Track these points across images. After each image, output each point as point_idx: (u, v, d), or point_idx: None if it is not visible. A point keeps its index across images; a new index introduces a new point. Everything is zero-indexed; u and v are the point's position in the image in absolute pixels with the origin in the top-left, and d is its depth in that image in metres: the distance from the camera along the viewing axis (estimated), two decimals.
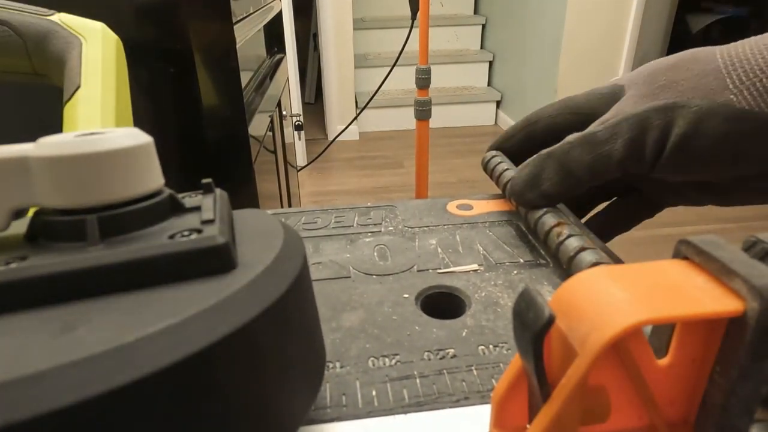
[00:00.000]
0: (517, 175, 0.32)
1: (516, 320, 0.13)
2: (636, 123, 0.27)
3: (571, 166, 0.29)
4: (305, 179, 2.35)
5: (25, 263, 0.14)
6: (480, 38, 3.15)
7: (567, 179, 0.29)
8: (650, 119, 0.27)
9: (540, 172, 0.30)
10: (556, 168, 0.29)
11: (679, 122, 0.26)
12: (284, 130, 1.18)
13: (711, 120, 0.25)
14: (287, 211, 0.37)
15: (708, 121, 0.25)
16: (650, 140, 0.27)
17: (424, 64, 1.31)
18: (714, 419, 0.13)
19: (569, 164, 0.29)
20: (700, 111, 0.25)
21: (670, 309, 0.12)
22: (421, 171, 1.43)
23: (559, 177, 0.29)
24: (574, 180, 0.29)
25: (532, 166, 0.31)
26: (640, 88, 0.28)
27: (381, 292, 0.26)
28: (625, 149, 0.27)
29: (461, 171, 2.42)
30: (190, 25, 0.58)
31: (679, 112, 0.26)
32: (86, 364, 0.11)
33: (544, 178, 0.30)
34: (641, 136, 0.27)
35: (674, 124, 0.26)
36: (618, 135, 0.27)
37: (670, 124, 0.26)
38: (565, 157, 0.29)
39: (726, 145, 0.25)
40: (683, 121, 0.26)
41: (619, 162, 0.28)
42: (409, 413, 0.19)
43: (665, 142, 0.26)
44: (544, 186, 0.30)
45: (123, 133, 0.16)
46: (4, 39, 0.30)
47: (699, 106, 0.25)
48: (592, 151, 0.28)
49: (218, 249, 0.15)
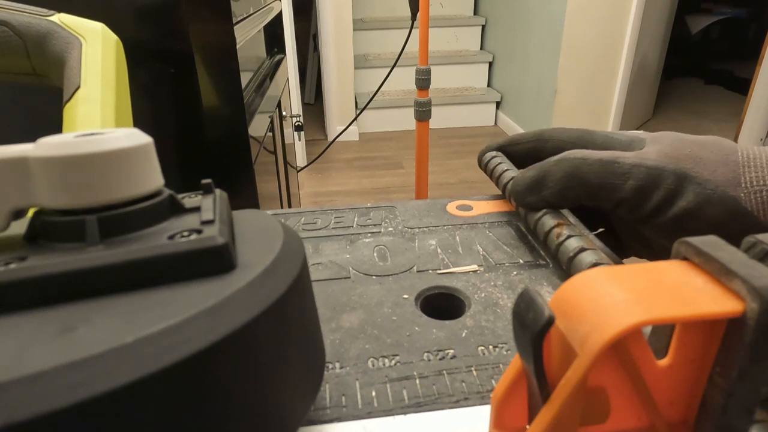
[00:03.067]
0: (521, 176, 0.32)
1: (516, 321, 0.13)
2: (652, 175, 0.27)
3: (576, 181, 0.29)
4: (305, 180, 2.35)
5: (24, 263, 0.14)
6: (480, 39, 3.15)
7: (568, 191, 0.29)
8: (666, 179, 0.27)
9: (545, 177, 0.30)
10: (561, 178, 0.30)
11: (689, 196, 0.26)
12: (284, 130, 1.18)
13: (717, 207, 0.26)
14: (287, 211, 0.37)
15: (714, 207, 0.26)
16: (656, 197, 0.27)
17: (423, 64, 1.31)
18: (713, 420, 0.13)
19: (576, 178, 0.29)
20: (712, 195, 0.26)
21: (670, 310, 0.12)
22: (420, 172, 1.43)
23: (561, 187, 0.30)
24: (574, 195, 0.29)
25: (538, 170, 0.31)
26: (665, 148, 0.29)
27: (381, 292, 0.26)
28: (631, 192, 0.28)
29: (461, 172, 2.42)
30: (190, 25, 0.58)
31: (693, 187, 0.27)
32: (86, 365, 0.11)
33: (548, 184, 0.30)
34: (651, 190, 0.27)
35: (683, 196, 0.27)
36: (631, 176, 0.28)
37: (681, 193, 0.27)
38: (574, 171, 0.29)
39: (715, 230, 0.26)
40: (693, 196, 0.26)
41: (620, 200, 0.28)
42: (409, 414, 0.19)
43: (667, 209, 0.27)
44: (545, 192, 0.30)
45: (123, 133, 0.16)
46: (4, 39, 0.30)
47: (713, 191, 0.26)
48: (601, 178, 0.28)
49: (218, 249, 0.15)
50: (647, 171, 0.27)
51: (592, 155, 0.29)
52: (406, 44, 1.54)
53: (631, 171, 0.28)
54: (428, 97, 1.36)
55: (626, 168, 0.28)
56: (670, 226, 0.27)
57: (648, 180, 0.27)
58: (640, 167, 0.28)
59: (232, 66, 0.63)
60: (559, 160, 0.30)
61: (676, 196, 0.27)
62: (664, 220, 0.27)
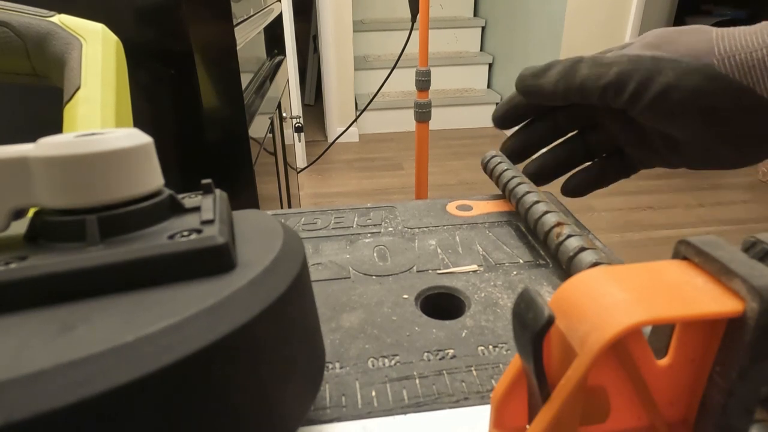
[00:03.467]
0: (530, 66, 0.37)
1: (515, 321, 0.13)
2: (632, 61, 0.32)
3: (572, 73, 0.34)
4: (305, 181, 2.35)
5: (25, 263, 0.14)
6: (480, 40, 3.15)
7: (561, 81, 0.34)
8: (644, 62, 0.31)
9: (549, 68, 0.35)
10: (561, 69, 0.34)
11: (668, 73, 0.30)
12: (284, 131, 1.18)
13: (694, 76, 0.30)
14: (287, 211, 0.37)
15: (692, 76, 0.30)
16: (636, 77, 0.31)
17: (423, 66, 1.31)
18: (713, 419, 0.13)
19: (572, 70, 0.34)
20: (687, 67, 0.30)
21: (670, 309, 0.12)
22: (420, 173, 1.43)
23: (559, 77, 0.34)
24: (565, 86, 0.34)
25: (545, 64, 0.36)
26: (648, 38, 0.33)
27: (380, 292, 0.26)
28: (614, 77, 0.32)
29: (461, 173, 2.42)
30: (190, 26, 0.58)
31: (669, 64, 0.31)
32: (86, 364, 0.11)
33: (548, 73, 0.35)
34: (631, 72, 0.31)
35: (661, 73, 0.31)
36: (615, 64, 0.32)
37: (659, 71, 0.31)
38: (573, 65, 0.34)
39: (698, 100, 0.30)
40: (671, 72, 0.30)
41: (605, 86, 0.32)
42: (409, 414, 0.19)
43: (648, 86, 0.31)
44: (543, 80, 0.35)
45: (123, 133, 0.16)
46: (5, 40, 0.30)
47: (687, 63, 0.30)
48: (590, 69, 0.33)
49: (218, 249, 0.15)
50: (628, 58, 0.32)
51: (589, 55, 0.34)
52: (406, 45, 1.54)
53: (615, 60, 0.32)
54: (428, 98, 1.36)
55: (612, 59, 0.33)
56: (657, 100, 0.31)
57: (629, 65, 0.31)
58: (622, 56, 0.32)
59: (233, 67, 0.63)
60: (566, 59, 0.35)
61: (655, 75, 0.31)
62: (650, 99, 0.31)
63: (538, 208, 0.30)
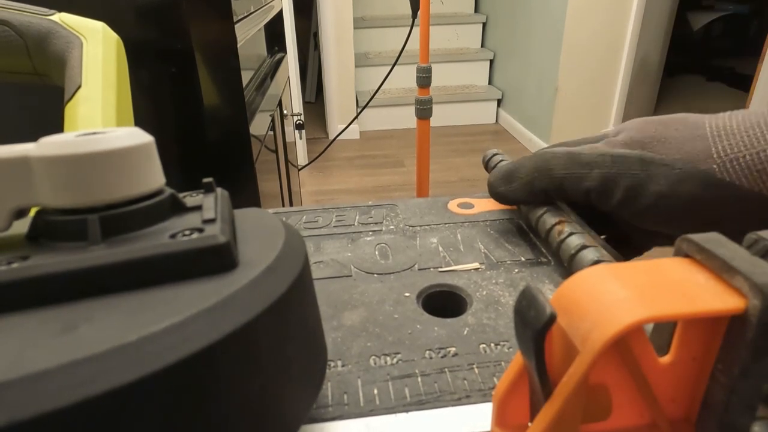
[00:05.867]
0: (497, 168, 0.33)
1: (517, 318, 0.13)
2: (617, 162, 0.28)
3: (545, 173, 0.29)
4: (306, 178, 2.35)
5: (26, 263, 0.14)
6: (481, 37, 3.14)
7: (536, 183, 0.30)
8: (632, 165, 0.27)
9: (517, 169, 0.31)
10: (531, 169, 0.30)
11: (659, 180, 0.26)
12: (285, 129, 1.18)
13: (690, 184, 0.26)
14: (288, 210, 0.37)
15: (687, 184, 0.26)
16: (624, 183, 0.27)
17: (424, 62, 1.31)
18: (716, 417, 0.13)
19: (545, 171, 0.30)
20: (681, 173, 0.26)
21: (672, 307, 0.12)
22: (421, 170, 1.43)
23: (530, 178, 0.30)
24: (541, 186, 0.30)
25: (512, 162, 0.32)
26: (631, 133, 0.29)
27: (382, 290, 0.26)
28: (597, 181, 0.28)
29: (462, 170, 2.42)
30: (191, 24, 0.57)
31: (662, 170, 0.26)
32: (88, 363, 0.11)
33: (518, 175, 0.31)
34: (617, 178, 0.27)
35: (652, 181, 0.27)
36: (597, 165, 0.28)
37: (650, 178, 0.27)
38: (543, 163, 0.30)
39: (699, 209, 0.26)
40: (664, 179, 0.26)
41: (587, 191, 0.28)
42: (411, 412, 0.19)
43: (638, 195, 0.27)
44: (515, 184, 0.31)
45: (124, 132, 0.16)
46: (5, 39, 0.30)
47: (681, 169, 0.26)
48: (567, 169, 0.29)
49: (219, 248, 0.15)
50: (612, 158, 0.28)
51: (561, 149, 0.30)
52: (406, 42, 1.54)
53: (596, 160, 0.28)
54: (429, 95, 1.36)
55: (592, 158, 0.28)
56: (650, 210, 0.27)
57: (613, 167, 0.27)
58: (605, 156, 0.28)
59: (233, 65, 0.63)
60: (533, 155, 0.31)
61: (646, 182, 0.27)
62: (642, 207, 0.27)
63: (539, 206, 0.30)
